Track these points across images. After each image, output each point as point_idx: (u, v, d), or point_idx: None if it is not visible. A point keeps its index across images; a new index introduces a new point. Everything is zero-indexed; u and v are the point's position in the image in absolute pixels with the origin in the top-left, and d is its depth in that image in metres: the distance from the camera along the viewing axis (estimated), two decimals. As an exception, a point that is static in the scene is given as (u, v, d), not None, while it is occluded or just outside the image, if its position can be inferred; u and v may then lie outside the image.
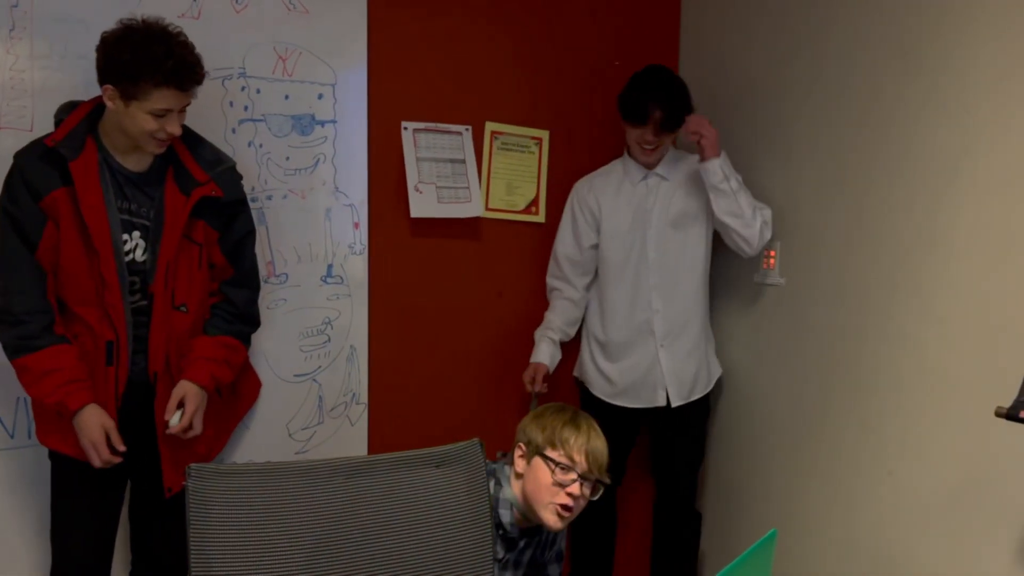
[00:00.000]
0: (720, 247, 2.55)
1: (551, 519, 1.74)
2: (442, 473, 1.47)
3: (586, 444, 1.74)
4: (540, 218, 2.74)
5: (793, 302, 2.46)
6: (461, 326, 2.66)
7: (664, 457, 2.66)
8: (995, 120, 1.89)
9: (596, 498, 1.78)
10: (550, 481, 1.73)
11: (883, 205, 2.15)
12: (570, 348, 2.69)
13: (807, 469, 2.39)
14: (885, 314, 2.15)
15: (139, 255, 1.91)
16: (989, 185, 1.90)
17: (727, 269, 2.64)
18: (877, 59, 2.17)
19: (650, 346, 2.53)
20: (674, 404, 2.53)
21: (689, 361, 2.54)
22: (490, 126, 2.64)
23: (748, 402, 2.61)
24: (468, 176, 2.60)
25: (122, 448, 1.85)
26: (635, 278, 2.53)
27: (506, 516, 1.78)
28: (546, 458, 1.74)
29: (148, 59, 1.75)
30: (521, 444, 1.80)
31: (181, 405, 1.92)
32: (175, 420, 1.91)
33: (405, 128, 2.51)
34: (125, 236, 1.89)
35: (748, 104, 2.59)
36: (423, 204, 2.53)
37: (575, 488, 1.73)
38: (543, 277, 2.73)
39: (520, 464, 1.79)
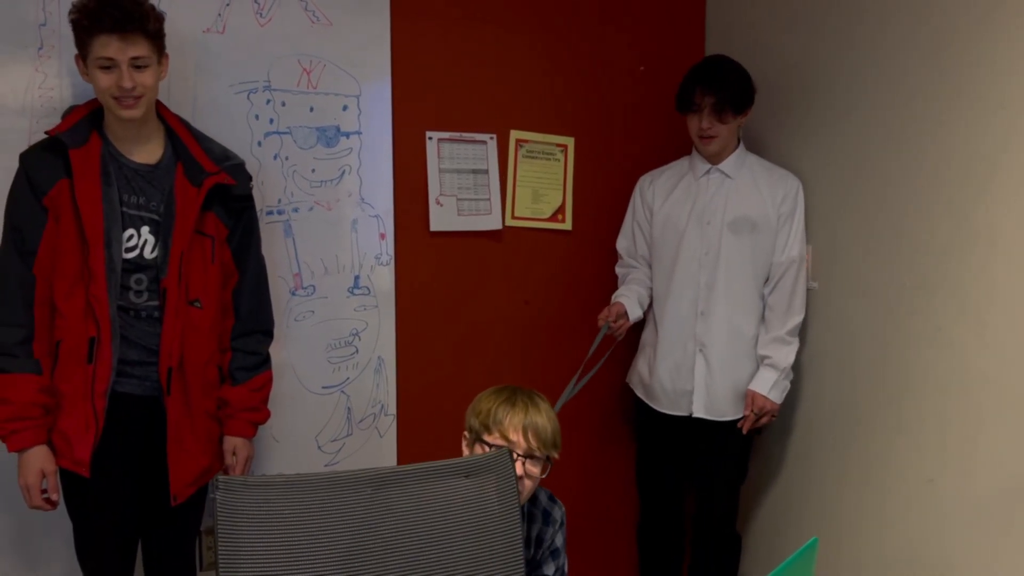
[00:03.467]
0: None
1: None
2: (472, 483, 1.45)
3: (523, 420, 1.68)
4: (567, 226, 2.72)
5: (828, 306, 2.41)
6: (488, 335, 2.64)
7: (702, 474, 2.55)
8: (1033, 115, 1.84)
9: (545, 475, 1.69)
10: None
11: (919, 204, 2.11)
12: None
13: (844, 478, 2.34)
14: (923, 316, 2.10)
15: (148, 251, 1.88)
16: (1028, 182, 1.86)
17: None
18: (910, 54, 2.13)
19: (689, 349, 2.44)
20: (695, 415, 2.43)
21: (725, 374, 2.41)
22: (515, 134, 2.63)
23: (783, 409, 2.57)
24: (490, 188, 2.59)
25: (55, 498, 1.84)
26: (685, 275, 2.43)
27: None
28: (484, 443, 1.69)
29: (86, 11, 1.78)
30: (465, 433, 1.75)
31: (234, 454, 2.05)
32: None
33: (430, 138, 2.51)
34: (132, 232, 1.86)
35: (778, 108, 2.56)
36: (443, 217, 2.53)
37: (518, 467, 1.63)
38: (570, 285, 2.71)
39: (466, 453, 1.73)
